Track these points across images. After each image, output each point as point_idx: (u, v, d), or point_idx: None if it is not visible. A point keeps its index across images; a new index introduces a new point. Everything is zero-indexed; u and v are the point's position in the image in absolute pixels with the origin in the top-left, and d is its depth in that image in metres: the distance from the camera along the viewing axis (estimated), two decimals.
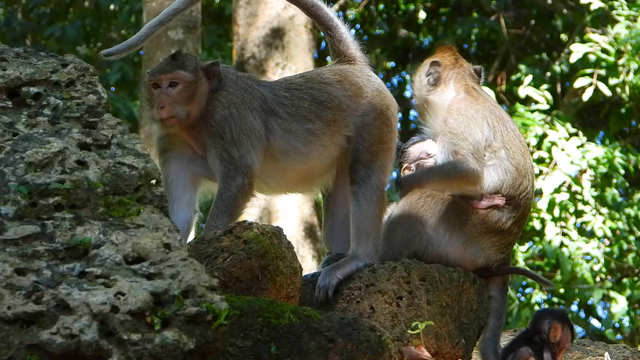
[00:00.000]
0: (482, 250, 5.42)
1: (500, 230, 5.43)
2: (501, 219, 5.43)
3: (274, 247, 4.70)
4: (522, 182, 5.48)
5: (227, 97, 5.29)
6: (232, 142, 5.20)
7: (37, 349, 2.96)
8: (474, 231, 5.40)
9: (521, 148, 5.56)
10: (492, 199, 5.43)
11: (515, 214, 5.46)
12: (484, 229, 5.41)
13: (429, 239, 5.38)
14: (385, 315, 5.06)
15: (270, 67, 12.14)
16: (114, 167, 3.61)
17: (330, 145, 5.42)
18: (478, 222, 5.40)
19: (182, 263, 3.27)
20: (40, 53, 4.10)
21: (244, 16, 12.52)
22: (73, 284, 3.13)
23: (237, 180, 5.17)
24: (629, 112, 16.36)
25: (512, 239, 5.51)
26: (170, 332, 3.09)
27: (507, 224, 5.44)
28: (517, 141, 5.56)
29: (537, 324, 5.43)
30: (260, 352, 3.98)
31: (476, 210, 5.41)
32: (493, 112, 5.56)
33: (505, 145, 5.49)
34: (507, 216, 5.44)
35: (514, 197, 5.45)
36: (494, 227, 5.42)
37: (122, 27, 17.85)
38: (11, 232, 3.28)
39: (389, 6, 19.35)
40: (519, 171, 5.49)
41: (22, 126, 3.71)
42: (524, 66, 16.57)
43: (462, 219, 5.40)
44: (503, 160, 5.47)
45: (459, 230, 5.38)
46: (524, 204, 5.49)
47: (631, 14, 14.84)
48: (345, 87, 5.50)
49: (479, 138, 5.44)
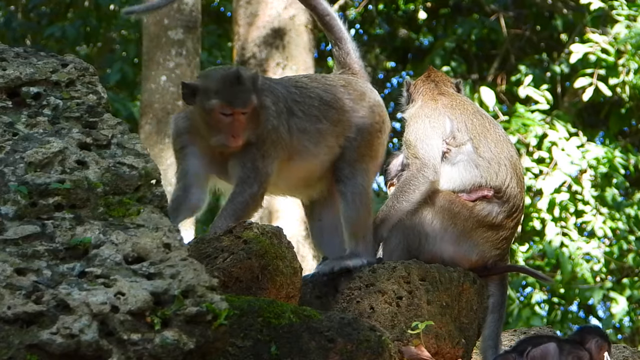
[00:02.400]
0: (475, 246, 5.42)
1: (492, 225, 5.43)
2: (491, 213, 5.43)
3: (274, 247, 4.70)
4: (498, 172, 5.46)
5: (269, 109, 5.25)
6: (264, 154, 5.20)
7: (37, 349, 2.96)
8: (465, 226, 5.40)
9: (495, 138, 5.55)
10: (481, 191, 5.45)
11: (506, 207, 5.46)
12: (476, 223, 5.41)
13: (423, 234, 5.39)
14: (385, 315, 5.07)
15: (270, 67, 12.14)
16: (114, 167, 3.61)
17: (334, 147, 5.42)
18: (469, 216, 5.40)
19: (182, 263, 3.27)
20: (40, 53, 4.10)
21: (244, 16, 12.51)
22: (73, 284, 3.13)
23: (254, 188, 5.16)
24: (629, 112, 16.36)
25: (507, 234, 5.50)
26: (170, 332, 3.09)
27: (498, 218, 5.44)
28: (489, 132, 5.56)
29: (585, 339, 5.24)
30: (260, 352, 3.98)
31: (466, 204, 5.42)
32: (457, 107, 5.62)
33: (472, 137, 5.50)
34: (498, 210, 5.45)
35: (499, 189, 5.45)
36: (484, 221, 5.42)
37: (122, 27, 17.85)
38: (11, 232, 3.28)
39: (389, 6, 19.34)
40: (490, 163, 5.48)
41: (22, 126, 3.71)
42: (524, 66, 16.56)
43: (453, 214, 5.40)
44: (470, 154, 5.48)
45: (452, 225, 5.39)
46: (513, 196, 5.48)
47: (631, 13, 14.84)
48: (349, 91, 5.53)
49: (433, 141, 5.49)
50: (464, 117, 5.58)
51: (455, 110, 5.60)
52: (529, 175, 14.85)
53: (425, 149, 5.47)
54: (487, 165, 5.47)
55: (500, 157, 5.50)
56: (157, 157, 10.69)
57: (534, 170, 14.86)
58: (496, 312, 5.47)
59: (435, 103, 5.66)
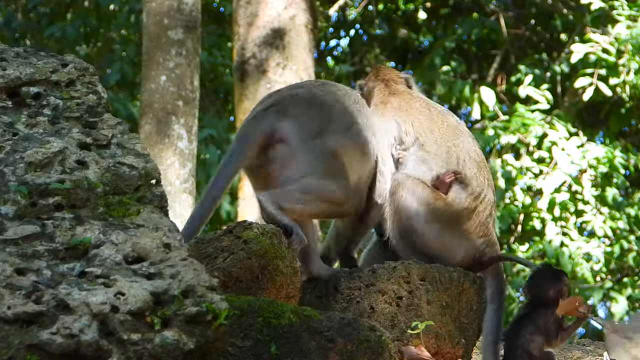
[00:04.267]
0: (461, 238, 5.41)
1: (466, 212, 5.40)
2: (461, 199, 5.41)
3: (274, 247, 4.70)
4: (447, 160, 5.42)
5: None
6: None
7: (37, 349, 2.96)
8: (449, 220, 5.38)
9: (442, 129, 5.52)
10: (443, 178, 5.42)
11: (470, 189, 5.43)
12: (453, 213, 5.38)
13: (413, 230, 5.38)
14: (385, 315, 5.06)
15: (270, 67, 12.13)
16: (114, 167, 3.61)
17: None
18: (445, 209, 5.39)
19: (182, 263, 3.27)
20: (40, 53, 4.10)
21: (244, 16, 12.51)
22: (73, 284, 3.13)
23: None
24: (629, 112, 16.37)
25: (486, 219, 5.47)
26: (170, 332, 3.09)
27: (467, 202, 5.41)
28: (435, 124, 5.54)
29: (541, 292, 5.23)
30: (260, 352, 3.98)
31: (441, 196, 5.40)
32: (404, 108, 5.59)
33: (418, 136, 5.49)
34: (465, 194, 5.42)
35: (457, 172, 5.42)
36: (458, 209, 5.39)
37: (122, 27, 17.85)
38: (11, 232, 3.28)
39: (389, 6, 19.34)
40: (437, 154, 5.43)
41: (22, 126, 3.71)
42: (524, 66, 16.57)
43: (434, 208, 5.39)
44: (417, 152, 5.46)
45: (436, 219, 5.38)
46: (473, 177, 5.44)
47: (632, 13, 14.85)
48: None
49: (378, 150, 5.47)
50: (411, 117, 5.55)
51: (402, 112, 5.58)
52: (529, 175, 14.86)
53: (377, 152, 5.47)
54: (432, 158, 5.45)
55: (447, 145, 5.48)
56: (157, 157, 10.67)
57: (534, 170, 14.87)
58: (495, 302, 5.38)
59: (384, 107, 5.63)
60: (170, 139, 10.99)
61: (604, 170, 14.62)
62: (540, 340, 5.09)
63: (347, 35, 19.64)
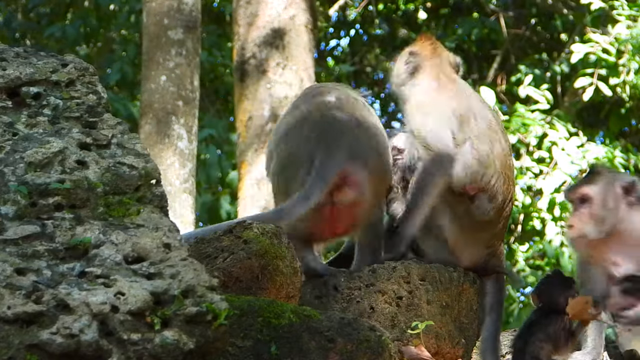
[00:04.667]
0: (467, 246, 5.40)
1: (483, 222, 5.40)
2: (482, 208, 5.40)
3: (274, 247, 4.70)
4: (484, 173, 5.41)
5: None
6: None
7: (37, 349, 2.96)
8: (462, 225, 5.38)
9: (490, 135, 5.47)
10: (468, 188, 5.40)
11: (495, 202, 5.42)
12: (469, 221, 5.38)
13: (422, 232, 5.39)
14: (385, 315, 5.06)
15: (270, 67, 12.13)
16: (114, 167, 3.60)
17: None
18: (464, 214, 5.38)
19: (182, 263, 3.27)
20: (40, 53, 4.10)
21: (244, 16, 12.50)
22: (73, 283, 3.13)
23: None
24: (629, 112, 16.36)
25: (496, 230, 5.47)
26: (170, 332, 3.09)
27: (489, 214, 5.40)
28: (487, 128, 5.48)
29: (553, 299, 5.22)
30: (260, 352, 3.98)
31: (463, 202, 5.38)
32: (461, 102, 5.49)
33: (471, 136, 5.43)
34: (488, 206, 5.41)
35: (484, 188, 5.41)
36: (475, 218, 5.38)
37: (122, 27, 17.85)
38: (11, 232, 3.28)
39: (389, 6, 19.34)
40: (481, 163, 5.42)
41: (22, 126, 3.71)
42: (524, 66, 16.56)
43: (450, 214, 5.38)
44: (465, 155, 5.41)
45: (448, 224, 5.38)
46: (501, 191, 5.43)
47: (632, 13, 14.84)
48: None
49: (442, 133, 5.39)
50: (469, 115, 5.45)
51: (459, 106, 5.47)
52: (529, 175, 14.86)
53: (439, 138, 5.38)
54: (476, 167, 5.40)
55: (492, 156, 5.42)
56: (157, 157, 10.67)
57: (534, 170, 14.86)
58: (494, 312, 5.40)
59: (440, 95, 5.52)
60: (170, 139, 10.99)
61: None
62: (549, 348, 5.07)
63: (347, 35, 19.65)
